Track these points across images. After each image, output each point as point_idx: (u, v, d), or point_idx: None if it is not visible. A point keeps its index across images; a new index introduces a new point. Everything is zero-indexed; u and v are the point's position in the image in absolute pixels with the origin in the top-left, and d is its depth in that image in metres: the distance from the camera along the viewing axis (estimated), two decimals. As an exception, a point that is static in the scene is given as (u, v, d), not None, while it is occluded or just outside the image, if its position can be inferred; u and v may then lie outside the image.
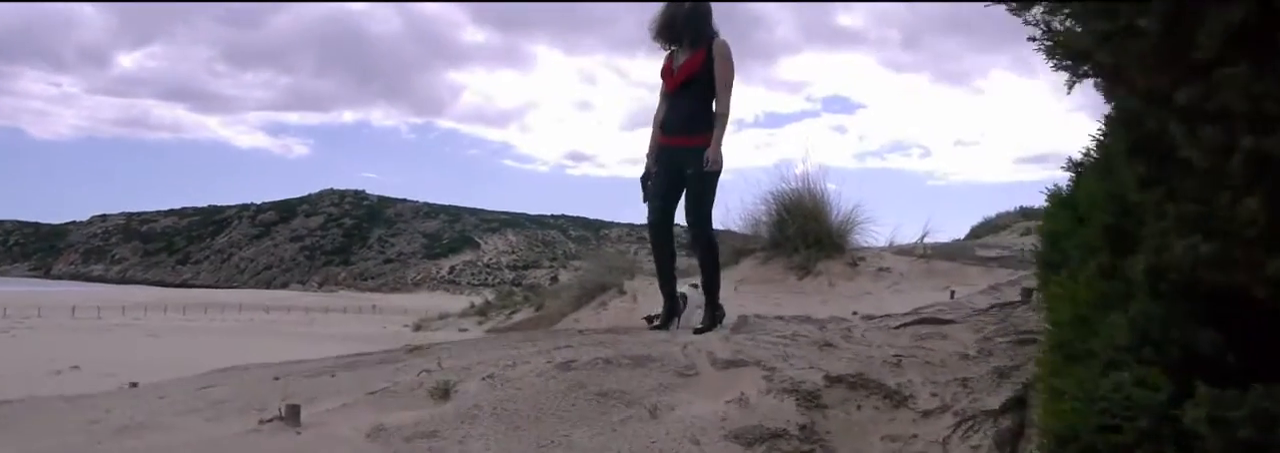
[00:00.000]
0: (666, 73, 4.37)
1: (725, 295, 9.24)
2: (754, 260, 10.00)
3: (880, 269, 8.87)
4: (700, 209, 4.60)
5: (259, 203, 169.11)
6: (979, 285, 8.16)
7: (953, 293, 7.24)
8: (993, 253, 8.59)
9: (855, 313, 5.82)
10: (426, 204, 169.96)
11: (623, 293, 8.75)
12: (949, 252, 8.82)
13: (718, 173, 4.42)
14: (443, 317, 36.69)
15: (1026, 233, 9.93)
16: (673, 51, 4.39)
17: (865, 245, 10.03)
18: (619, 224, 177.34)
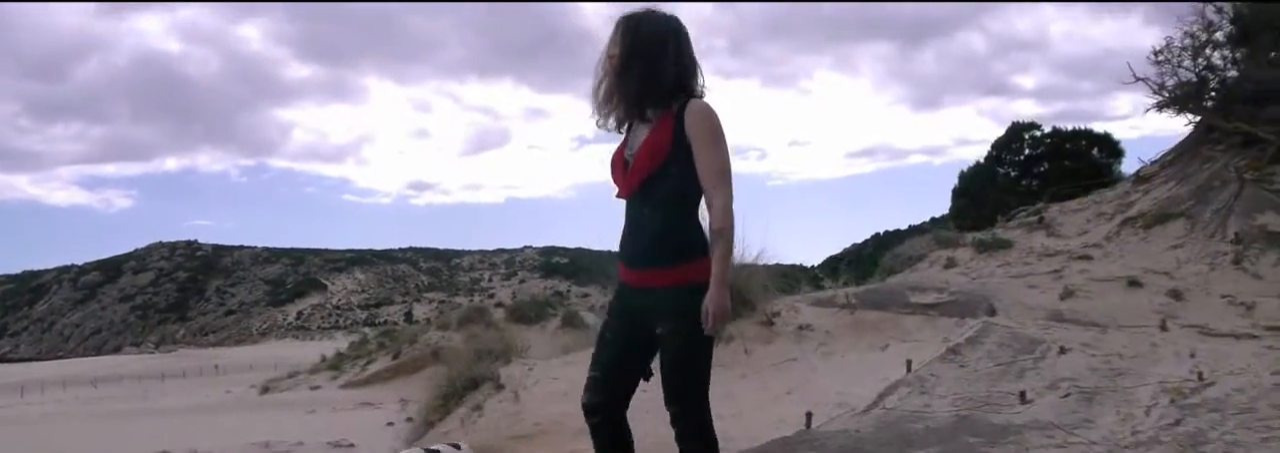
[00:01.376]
0: (617, 165, 2.69)
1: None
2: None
3: (800, 327, 7.58)
4: (687, 388, 2.58)
5: (81, 263, 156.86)
6: (928, 343, 6.95)
7: (909, 364, 5.98)
8: (929, 298, 7.40)
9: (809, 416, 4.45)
10: (266, 249, 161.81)
11: (499, 388, 7.10)
12: (876, 299, 7.58)
13: (715, 335, 2.54)
14: (292, 374, 33.63)
15: (950, 265, 8.82)
16: (629, 129, 2.74)
17: (771, 294, 8.73)
18: (469, 252, 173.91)
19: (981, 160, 18.60)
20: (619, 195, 2.67)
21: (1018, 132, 18.25)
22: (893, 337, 7.05)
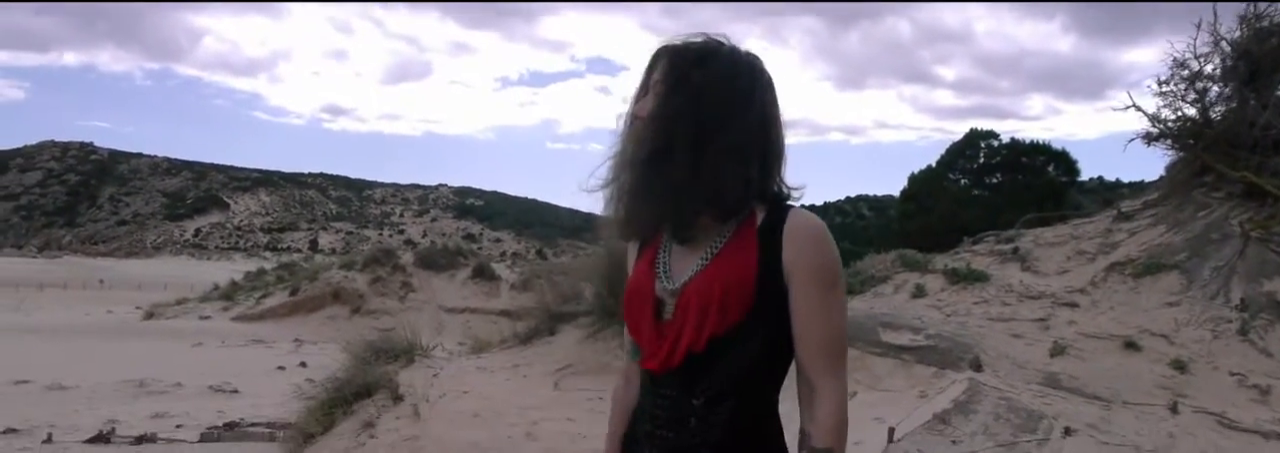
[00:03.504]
0: (641, 305, 1.52)
1: (546, 398, 6.68)
2: (579, 331, 7.51)
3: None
4: None
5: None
6: (902, 396, 6.04)
7: (892, 432, 5.09)
8: (904, 339, 6.50)
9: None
10: (167, 159, 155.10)
11: (397, 400, 5.97)
12: (858, 347, 6.61)
13: None
14: (181, 301, 31.70)
15: (919, 294, 7.93)
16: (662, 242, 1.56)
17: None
18: (382, 184, 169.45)
19: (934, 165, 17.85)
20: (645, 364, 1.51)
21: (974, 139, 17.53)
22: (861, 382, 6.14)
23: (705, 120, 1.43)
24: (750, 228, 1.44)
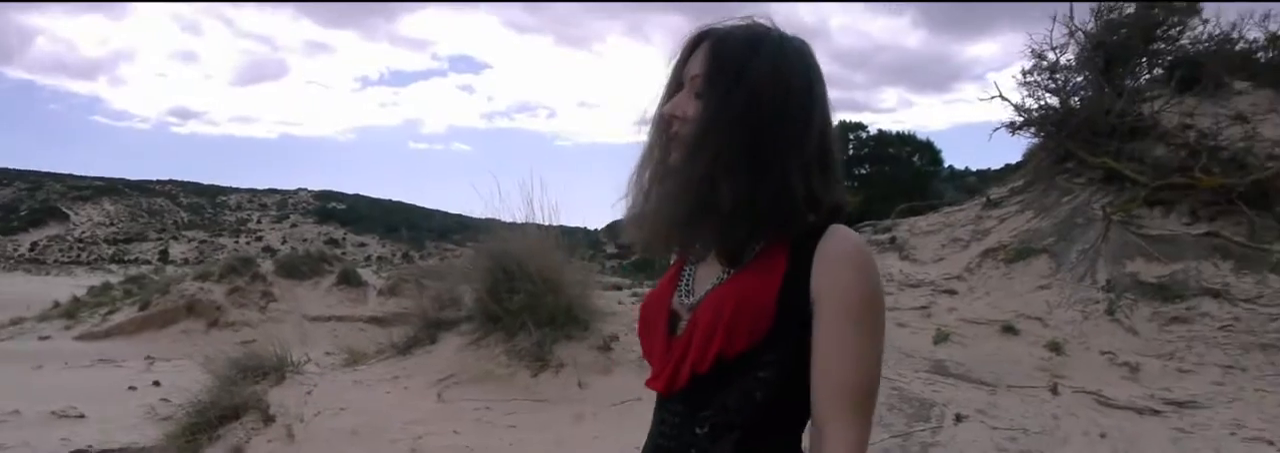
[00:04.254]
0: (655, 321, 1.33)
1: (429, 410, 6.34)
2: (460, 338, 7.18)
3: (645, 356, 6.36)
4: None
5: None
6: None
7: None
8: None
9: None
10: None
11: (268, 421, 5.54)
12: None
13: None
14: (16, 321, 29.44)
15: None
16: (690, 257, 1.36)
17: (611, 309, 7.60)
18: (238, 189, 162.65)
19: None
20: (651, 383, 1.32)
21: (843, 131, 17.90)
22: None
23: (765, 126, 1.20)
24: (783, 245, 1.23)
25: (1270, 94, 10.23)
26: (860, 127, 17.85)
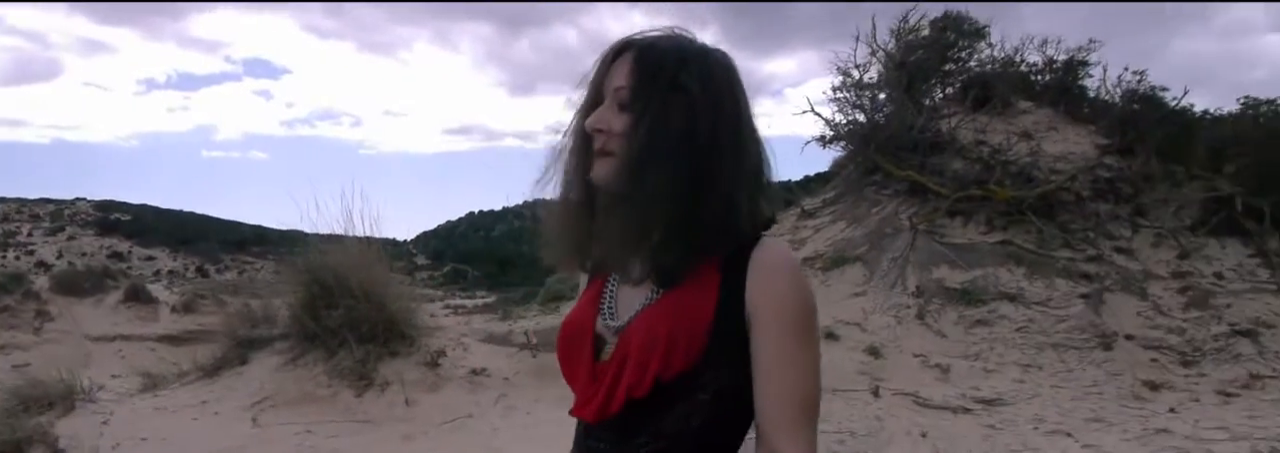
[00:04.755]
0: (576, 345, 1.23)
1: (244, 436, 5.94)
2: (276, 358, 6.79)
3: (474, 372, 6.29)
4: None
5: None
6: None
7: None
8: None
9: None
10: None
11: (55, 454, 5.02)
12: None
13: None
14: None
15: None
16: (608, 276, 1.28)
17: (435, 323, 7.39)
18: (6, 199, 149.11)
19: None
20: (577, 412, 1.23)
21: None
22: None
23: (708, 144, 1.15)
24: (712, 263, 1.17)
25: (1050, 113, 11.15)
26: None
